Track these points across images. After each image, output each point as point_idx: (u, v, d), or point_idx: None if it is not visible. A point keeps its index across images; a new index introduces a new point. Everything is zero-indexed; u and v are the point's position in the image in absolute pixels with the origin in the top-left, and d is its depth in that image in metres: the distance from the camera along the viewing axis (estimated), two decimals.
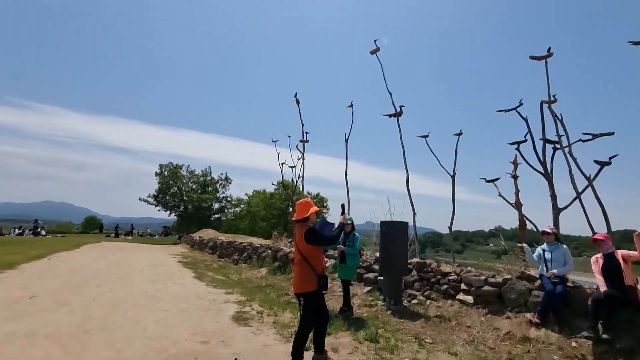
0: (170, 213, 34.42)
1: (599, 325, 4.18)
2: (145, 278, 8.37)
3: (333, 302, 6.38)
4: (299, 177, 14.19)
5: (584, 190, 5.96)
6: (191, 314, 5.22)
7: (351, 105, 10.90)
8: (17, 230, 34.25)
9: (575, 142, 6.41)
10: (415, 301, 6.36)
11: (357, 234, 6.01)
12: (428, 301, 6.28)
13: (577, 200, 5.98)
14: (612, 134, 6.50)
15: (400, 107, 9.35)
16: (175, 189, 33.73)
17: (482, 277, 5.96)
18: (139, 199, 33.49)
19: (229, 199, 36.98)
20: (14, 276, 7.60)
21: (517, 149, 6.64)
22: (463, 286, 6.18)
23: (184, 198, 33.48)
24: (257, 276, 9.18)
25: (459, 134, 8.55)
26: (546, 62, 6.48)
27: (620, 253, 4.30)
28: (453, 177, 8.51)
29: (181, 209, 33.57)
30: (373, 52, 9.59)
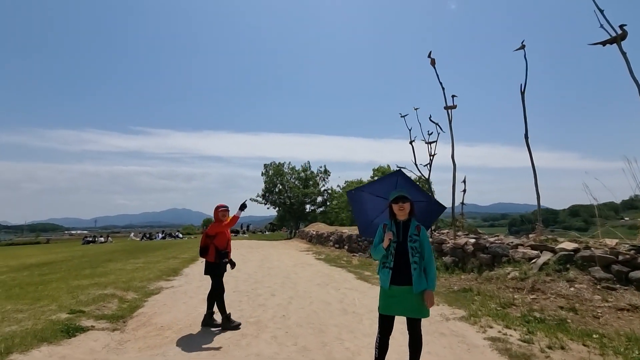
0: (279, 210, 35.80)
1: None
2: (309, 283, 7.44)
3: None
4: (433, 155, 12.06)
5: None
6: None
7: (522, 47, 8.20)
8: (160, 235, 40.03)
9: None
10: None
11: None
12: None
13: None
14: None
15: (621, 26, 6.42)
16: (280, 186, 34.82)
17: None
18: (250, 199, 35.49)
19: (329, 191, 36.82)
20: (185, 284, 7.43)
21: None
22: None
23: (289, 194, 34.34)
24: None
25: None
26: None
27: None
28: None
29: (287, 205, 34.52)
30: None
